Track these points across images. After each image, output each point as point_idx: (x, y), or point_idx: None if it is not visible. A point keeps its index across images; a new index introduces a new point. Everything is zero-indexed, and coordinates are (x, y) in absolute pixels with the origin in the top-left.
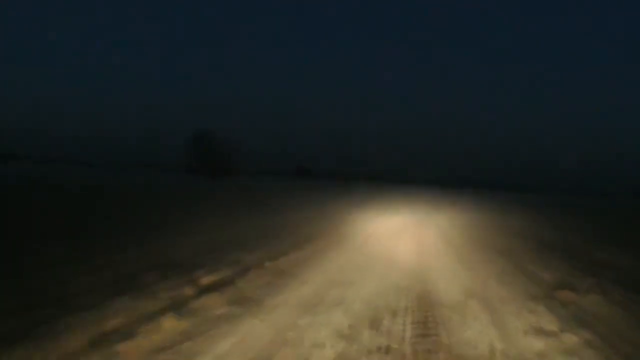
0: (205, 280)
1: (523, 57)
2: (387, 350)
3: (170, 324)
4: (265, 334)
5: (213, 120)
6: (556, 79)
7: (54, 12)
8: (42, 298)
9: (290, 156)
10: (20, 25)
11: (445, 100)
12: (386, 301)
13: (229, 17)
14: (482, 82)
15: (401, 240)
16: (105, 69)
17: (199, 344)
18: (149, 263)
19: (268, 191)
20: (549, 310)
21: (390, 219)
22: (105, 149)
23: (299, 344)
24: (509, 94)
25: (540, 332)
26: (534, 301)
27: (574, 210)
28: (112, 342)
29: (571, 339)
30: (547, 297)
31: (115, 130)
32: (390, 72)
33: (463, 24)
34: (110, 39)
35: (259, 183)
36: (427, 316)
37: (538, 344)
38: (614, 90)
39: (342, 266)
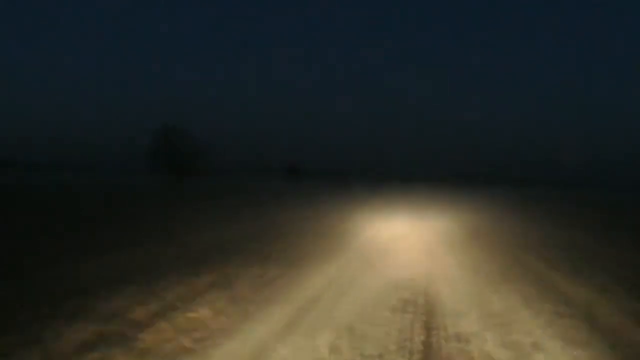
0: None
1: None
2: None
3: None
4: None
5: (201, 118)
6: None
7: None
8: None
9: (282, 154)
10: None
11: (448, 98)
12: None
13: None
14: (486, 81)
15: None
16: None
17: None
18: None
19: (233, 197)
20: None
21: (382, 235)
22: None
23: None
24: (514, 91)
25: None
26: None
27: (593, 205)
28: None
29: None
30: None
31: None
32: (390, 70)
33: (473, 22)
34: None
35: (235, 184)
36: None
37: None
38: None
39: None
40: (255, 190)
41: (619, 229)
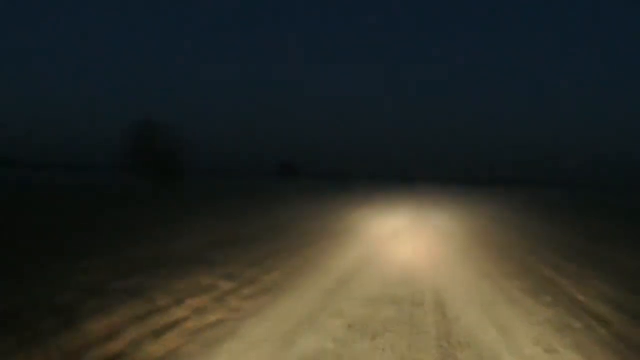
0: None
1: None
2: None
3: None
4: None
5: (190, 116)
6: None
7: None
8: None
9: (278, 153)
10: None
11: (449, 98)
12: None
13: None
14: (487, 80)
15: None
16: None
17: None
18: None
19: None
20: None
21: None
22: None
23: None
24: (513, 91)
25: None
26: None
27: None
28: None
29: None
30: None
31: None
32: (390, 69)
33: (471, 19)
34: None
35: (218, 188)
36: None
37: None
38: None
39: None
40: (251, 193)
41: None
